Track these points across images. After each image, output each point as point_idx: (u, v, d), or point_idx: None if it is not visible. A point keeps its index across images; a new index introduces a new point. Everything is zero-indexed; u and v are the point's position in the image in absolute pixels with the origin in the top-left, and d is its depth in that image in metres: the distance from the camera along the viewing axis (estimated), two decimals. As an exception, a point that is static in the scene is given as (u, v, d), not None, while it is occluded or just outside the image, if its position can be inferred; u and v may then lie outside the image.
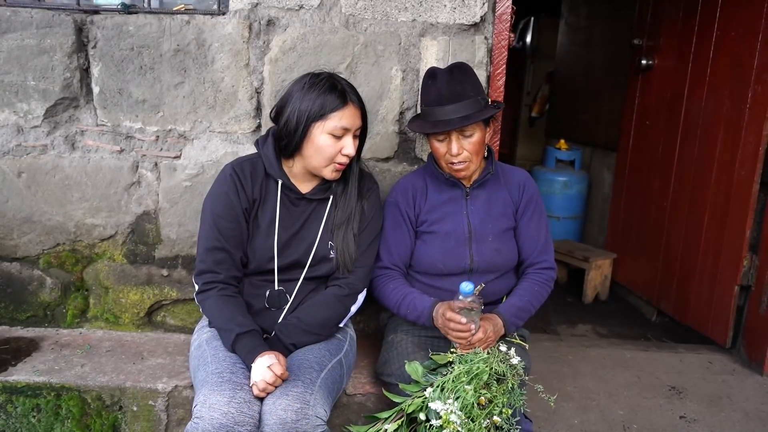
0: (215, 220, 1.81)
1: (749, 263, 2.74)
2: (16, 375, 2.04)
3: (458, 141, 1.84)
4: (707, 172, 2.97)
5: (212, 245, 1.81)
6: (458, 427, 1.54)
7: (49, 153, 2.27)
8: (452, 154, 1.85)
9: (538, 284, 1.97)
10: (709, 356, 2.82)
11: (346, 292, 1.91)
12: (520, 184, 2.02)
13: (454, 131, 1.83)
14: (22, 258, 2.36)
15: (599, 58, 4.66)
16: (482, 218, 1.97)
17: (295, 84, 1.81)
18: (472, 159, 1.88)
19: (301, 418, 1.58)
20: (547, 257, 2.01)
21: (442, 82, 1.84)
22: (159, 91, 2.22)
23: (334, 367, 1.80)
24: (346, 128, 1.77)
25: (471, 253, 1.95)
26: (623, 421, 2.25)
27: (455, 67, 1.87)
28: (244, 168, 1.85)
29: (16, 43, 2.17)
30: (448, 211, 1.98)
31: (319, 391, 1.67)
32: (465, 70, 1.88)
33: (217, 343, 1.80)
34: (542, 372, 2.51)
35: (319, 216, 1.91)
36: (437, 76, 1.86)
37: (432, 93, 1.86)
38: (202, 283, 1.82)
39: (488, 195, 1.99)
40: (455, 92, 1.82)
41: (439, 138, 1.87)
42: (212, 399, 1.58)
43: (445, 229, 1.96)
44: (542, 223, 2.02)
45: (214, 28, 2.17)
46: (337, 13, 2.17)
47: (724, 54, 2.86)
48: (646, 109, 3.51)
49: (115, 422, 2.05)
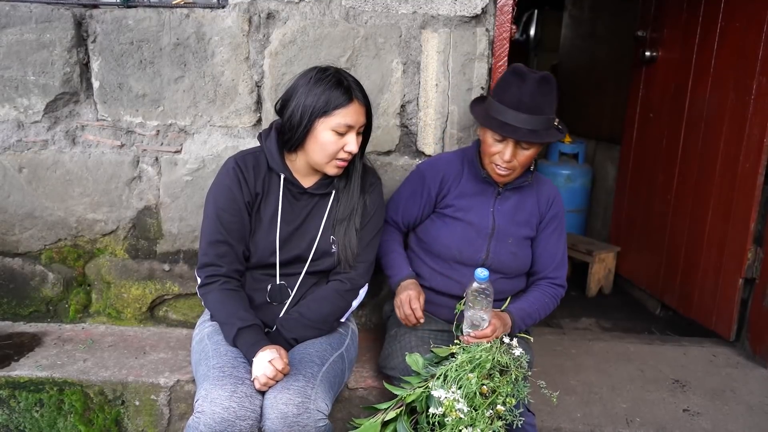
0: (218, 213, 1.80)
1: (753, 256, 2.72)
2: (18, 370, 2.05)
3: (515, 149, 1.82)
4: (711, 164, 2.95)
5: (215, 238, 1.80)
6: (461, 415, 1.53)
7: (50, 148, 2.27)
8: (504, 159, 1.83)
9: (548, 297, 1.99)
10: (713, 349, 2.81)
11: (347, 287, 1.91)
12: (549, 198, 2.01)
13: (514, 139, 1.80)
14: (24, 253, 2.36)
15: (603, 50, 4.63)
16: (507, 220, 1.97)
17: (301, 77, 1.78)
18: (517, 169, 1.88)
19: (303, 412, 1.58)
20: (561, 274, 2.03)
21: (527, 90, 1.77)
22: (159, 86, 2.21)
23: (335, 362, 1.80)
24: (350, 125, 1.76)
25: (488, 249, 1.95)
26: (626, 415, 2.24)
27: (544, 79, 1.79)
28: (247, 161, 1.85)
29: (15, 38, 2.16)
30: (475, 203, 1.97)
31: (321, 385, 1.66)
32: (551, 84, 1.81)
33: (218, 337, 1.80)
34: (545, 365, 2.50)
35: (321, 210, 1.90)
36: (525, 81, 1.78)
37: (513, 94, 1.79)
38: (205, 276, 1.82)
39: (517, 200, 1.99)
40: (536, 105, 1.78)
41: (497, 138, 1.83)
42: (214, 393, 1.58)
43: (470, 218, 1.96)
44: (561, 241, 2.03)
45: (213, 22, 2.16)
46: (337, 5, 2.16)
47: (729, 45, 2.84)
48: (650, 101, 3.48)
49: (117, 417, 2.05)
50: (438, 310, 2.02)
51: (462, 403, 1.54)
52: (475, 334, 1.72)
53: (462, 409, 1.53)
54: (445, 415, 1.54)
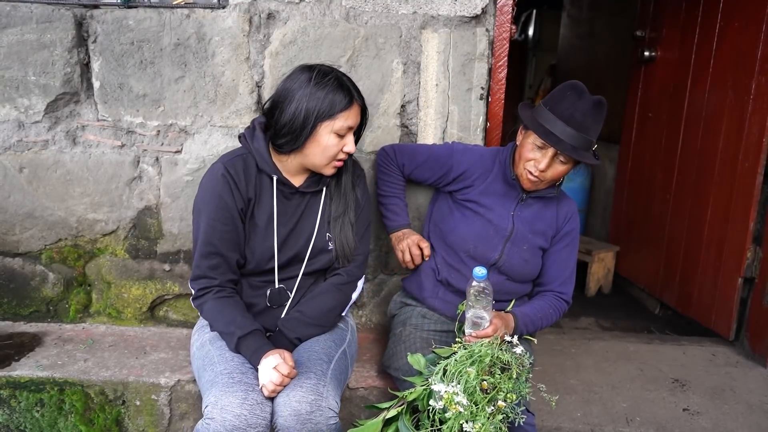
0: (210, 223, 1.75)
1: (753, 255, 2.73)
2: (19, 370, 2.05)
3: (552, 160, 1.83)
4: (710, 164, 2.95)
5: (207, 251, 1.76)
6: (461, 409, 1.53)
7: (51, 148, 2.27)
8: (539, 168, 1.84)
9: (553, 308, 2.00)
10: (713, 348, 2.81)
11: (345, 280, 1.91)
12: (568, 214, 2.04)
13: (554, 149, 1.81)
14: (25, 253, 2.36)
15: (601, 50, 4.64)
16: (525, 226, 1.99)
17: (293, 80, 1.73)
18: (546, 181, 1.89)
19: (315, 409, 1.58)
20: (568, 290, 2.05)
21: (581, 108, 1.80)
22: (159, 86, 2.21)
23: (340, 358, 1.80)
24: (351, 127, 1.76)
25: (503, 250, 1.97)
26: (626, 414, 2.24)
27: (601, 103, 1.82)
28: (236, 166, 1.78)
29: (16, 38, 2.16)
30: (498, 204, 1.99)
31: (331, 383, 1.67)
32: (603, 109, 1.83)
33: (221, 342, 1.78)
34: (545, 365, 2.51)
35: (315, 209, 1.89)
36: (582, 99, 1.80)
37: (566, 107, 1.80)
38: (198, 288, 1.79)
39: (538, 209, 2.00)
40: (585, 125, 1.79)
41: (538, 144, 1.84)
42: (224, 400, 1.56)
43: (490, 216, 1.98)
44: (572, 258, 2.05)
45: (214, 22, 2.16)
46: (337, 5, 2.16)
47: (727, 45, 2.84)
48: (649, 101, 3.49)
49: (118, 416, 2.06)
50: (445, 306, 2.03)
51: (462, 396, 1.54)
52: (477, 334, 1.72)
53: (461, 402, 1.53)
54: (446, 410, 1.54)
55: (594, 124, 1.81)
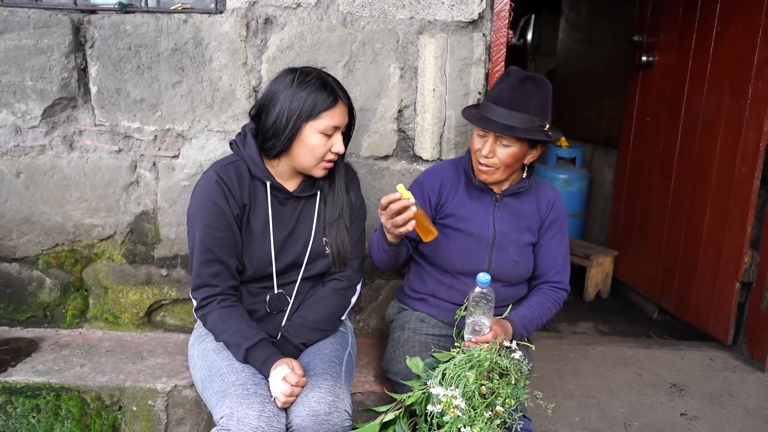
0: (206, 231, 1.74)
1: (750, 260, 2.73)
2: (15, 375, 2.05)
3: (493, 145, 1.82)
4: (708, 168, 2.96)
5: (206, 258, 1.74)
6: (459, 413, 1.52)
7: (48, 153, 2.27)
8: (482, 154, 1.84)
9: (551, 301, 1.99)
10: (711, 353, 2.81)
11: (345, 285, 1.92)
12: (550, 202, 2.01)
13: (493, 133, 1.81)
14: (22, 258, 2.36)
15: (600, 55, 4.65)
16: (508, 227, 1.96)
17: (277, 82, 1.74)
18: (500, 168, 1.86)
19: (333, 411, 1.59)
20: (564, 278, 2.02)
21: (509, 85, 1.81)
22: (157, 91, 2.21)
23: (347, 361, 1.82)
24: (337, 126, 1.76)
25: (490, 259, 1.95)
26: (624, 419, 2.24)
27: (530, 78, 1.82)
28: (229, 172, 1.77)
29: (13, 44, 2.17)
30: (475, 212, 1.96)
31: (345, 385, 1.69)
32: (539, 85, 1.82)
33: (226, 353, 1.75)
34: (543, 370, 2.50)
35: (310, 213, 1.89)
36: (509, 77, 1.82)
37: (495, 90, 1.84)
38: (201, 298, 1.77)
39: (517, 206, 1.98)
40: (515, 101, 1.79)
41: (480, 133, 1.85)
42: (241, 413, 1.55)
43: (471, 229, 1.95)
44: (563, 244, 2.03)
45: (211, 27, 2.16)
46: (334, 11, 2.17)
47: (725, 50, 2.85)
48: (647, 106, 3.49)
49: (114, 422, 2.05)
50: (441, 313, 2.02)
51: (460, 401, 1.54)
52: (476, 339, 1.72)
53: (459, 406, 1.52)
54: (443, 414, 1.54)
55: (528, 99, 1.79)
